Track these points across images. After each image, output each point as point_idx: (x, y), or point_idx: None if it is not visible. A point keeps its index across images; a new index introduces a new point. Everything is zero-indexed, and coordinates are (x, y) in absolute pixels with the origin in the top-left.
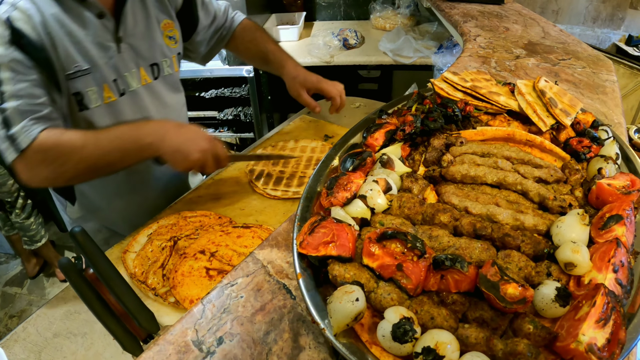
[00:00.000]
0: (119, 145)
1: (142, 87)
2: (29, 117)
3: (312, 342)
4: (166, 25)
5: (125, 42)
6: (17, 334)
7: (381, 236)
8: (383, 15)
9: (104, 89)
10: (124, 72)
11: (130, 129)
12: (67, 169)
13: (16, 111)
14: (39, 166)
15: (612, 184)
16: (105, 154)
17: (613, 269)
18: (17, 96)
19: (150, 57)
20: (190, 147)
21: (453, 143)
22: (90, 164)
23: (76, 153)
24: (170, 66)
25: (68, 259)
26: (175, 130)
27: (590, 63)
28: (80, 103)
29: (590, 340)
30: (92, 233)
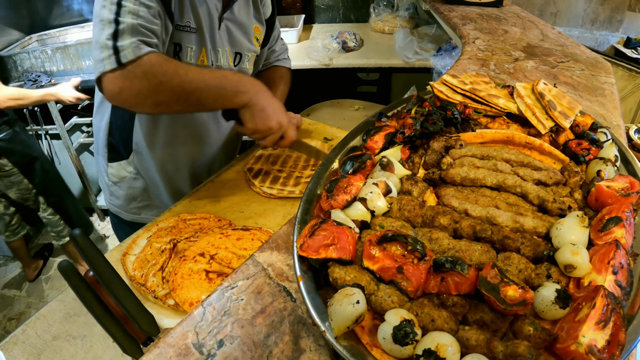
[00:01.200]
0: (220, 83)
1: (226, 66)
2: (140, 37)
3: (312, 345)
4: (257, 28)
5: (225, 23)
6: (16, 336)
7: (381, 239)
8: (382, 18)
9: (202, 52)
10: (217, 47)
11: (234, 74)
12: (163, 89)
13: (130, 27)
14: (138, 79)
15: (611, 186)
16: (203, 87)
17: (613, 271)
18: (135, 14)
19: (238, 45)
20: (274, 115)
21: (452, 146)
22: (186, 91)
23: (179, 76)
24: (249, 61)
25: (68, 261)
26: (269, 95)
27: (588, 65)
28: (176, 53)
29: (590, 341)
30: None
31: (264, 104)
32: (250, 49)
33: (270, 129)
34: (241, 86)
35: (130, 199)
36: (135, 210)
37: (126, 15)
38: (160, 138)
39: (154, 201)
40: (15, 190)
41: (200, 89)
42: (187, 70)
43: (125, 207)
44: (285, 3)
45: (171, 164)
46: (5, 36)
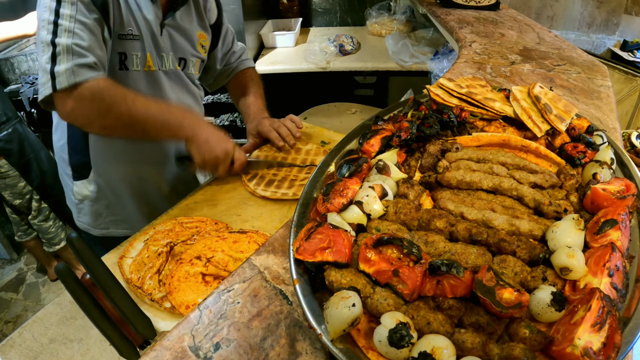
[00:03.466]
0: (164, 115)
1: (173, 70)
2: (75, 62)
3: (308, 348)
4: (201, 35)
5: (167, 29)
6: (13, 339)
7: (377, 242)
8: (379, 21)
9: (148, 57)
10: (162, 52)
11: (179, 109)
12: (111, 113)
13: (66, 49)
14: (87, 102)
15: (607, 188)
16: (149, 117)
17: (608, 273)
18: (71, 33)
19: (182, 51)
20: (218, 144)
21: (449, 149)
22: (132, 120)
23: (126, 103)
24: (194, 66)
25: (64, 264)
26: (211, 127)
27: (585, 68)
28: (122, 62)
29: (585, 344)
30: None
31: (207, 136)
32: (195, 54)
33: (217, 158)
34: (184, 121)
35: (97, 216)
36: (103, 226)
37: (62, 35)
38: (118, 156)
39: (120, 216)
40: (9, 193)
41: (146, 119)
42: (134, 98)
43: (93, 223)
44: (282, 6)
45: (136, 179)
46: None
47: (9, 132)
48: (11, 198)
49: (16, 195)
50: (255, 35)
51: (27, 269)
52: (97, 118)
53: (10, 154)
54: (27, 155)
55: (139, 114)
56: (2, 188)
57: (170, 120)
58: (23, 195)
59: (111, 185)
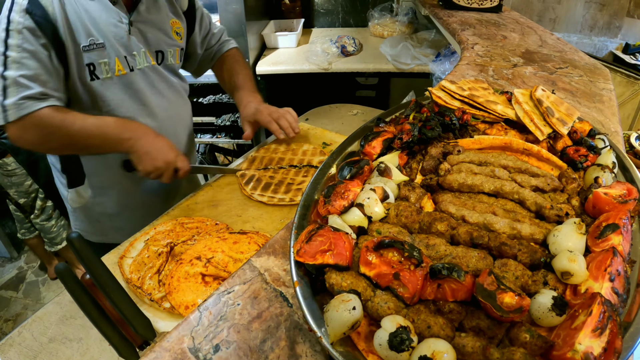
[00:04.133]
0: (102, 132)
1: (150, 67)
2: (22, 95)
3: (308, 351)
4: (174, 22)
5: (136, 26)
6: (12, 338)
7: (378, 245)
8: (381, 22)
9: (116, 62)
10: (133, 51)
11: (116, 122)
12: (52, 139)
13: (13, 82)
14: (30, 131)
15: (608, 192)
16: (87, 137)
17: (609, 278)
18: (19, 64)
19: (156, 44)
20: (158, 155)
21: (450, 152)
22: (72, 141)
23: (65, 128)
24: (173, 57)
25: (65, 264)
26: (152, 137)
27: (587, 71)
28: (92, 73)
29: (586, 349)
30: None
31: (147, 147)
32: (171, 44)
33: (158, 168)
34: (122, 134)
35: (94, 222)
36: (101, 232)
37: (11, 67)
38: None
39: (115, 222)
40: (15, 191)
41: (85, 138)
42: (73, 121)
43: (90, 230)
44: (284, 7)
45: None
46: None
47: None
48: (16, 196)
49: (22, 194)
50: (257, 36)
51: (27, 267)
52: (42, 143)
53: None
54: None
55: (78, 135)
56: (7, 186)
57: (108, 135)
58: (28, 194)
59: (105, 194)
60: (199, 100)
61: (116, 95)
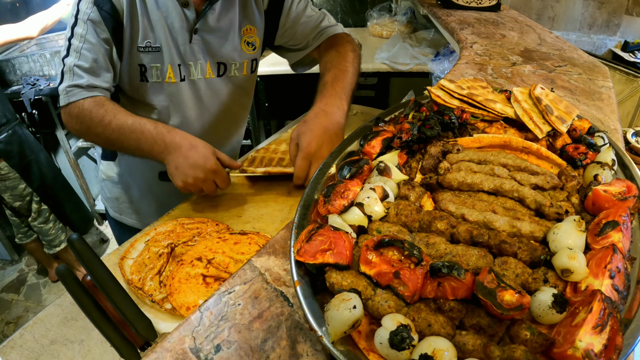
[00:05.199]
0: (136, 139)
1: (203, 79)
2: (72, 83)
3: (309, 350)
4: (247, 30)
5: (200, 34)
6: (14, 340)
7: (378, 244)
8: (380, 22)
9: (168, 69)
10: (189, 61)
11: (152, 131)
12: (90, 132)
13: (69, 69)
14: (73, 120)
15: (608, 190)
16: (121, 139)
17: (609, 275)
18: (78, 53)
19: (219, 55)
20: (188, 171)
21: (450, 150)
22: (107, 140)
23: (100, 126)
24: (238, 69)
25: (65, 265)
26: (185, 151)
27: (586, 69)
28: (142, 74)
29: (587, 346)
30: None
31: (177, 163)
32: (237, 56)
33: (191, 185)
34: (154, 145)
35: (114, 199)
36: (117, 210)
37: (71, 55)
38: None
39: (134, 206)
40: (9, 195)
41: (120, 141)
42: (111, 119)
43: (110, 203)
44: None
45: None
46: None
47: (9, 134)
48: (11, 200)
49: (16, 197)
50: None
51: (28, 270)
52: (83, 134)
53: (11, 155)
54: (27, 157)
55: (113, 135)
56: (2, 190)
57: (141, 146)
58: (23, 197)
59: (131, 176)
60: None
61: (160, 101)
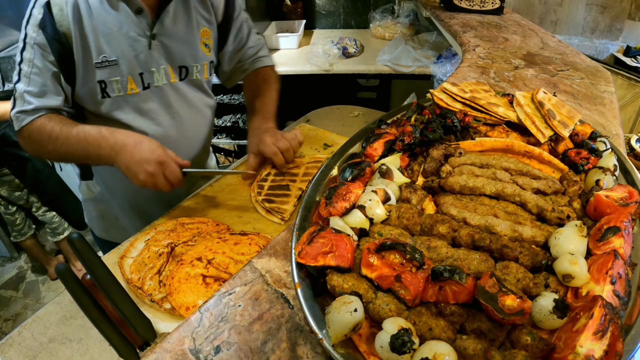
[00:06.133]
0: (83, 147)
1: (168, 84)
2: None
3: (309, 352)
4: (204, 32)
5: (158, 39)
6: (12, 338)
7: (380, 247)
8: (382, 24)
9: (129, 80)
10: (151, 68)
11: (96, 136)
12: (43, 150)
13: (19, 96)
14: (25, 141)
15: (610, 195)
16: (70, 151)
17: (611, 281)
18: (27, 79)
19: (180, 59)
20: (138, 169)
21: (452, 154)
22: (59, 154)
23: (50, 143)
24: (200, 72)
25: (65, 264)
26: (130, 149)
27: (588, 74)
28: (103, 91)
29: (587, 352)
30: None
31: (126, 162)
32: (199, 57)
33: (144, 183)
34: (100, 149)
35: (99, 217)
36: (103, 228)
37: (22, 80)
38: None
39: (120, 222)
40: (6, 189)
41: (70, 153)
42: (58, 134)
43: (96, 224)
44: (286, 8)
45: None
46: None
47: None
48: (9, 193)
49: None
50: None
51: (27, 267)
52: (39, 153)
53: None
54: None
55: (62, 149)
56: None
57: (89, 152)
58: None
59: (111, 192)
60: None
61: (127, 114)
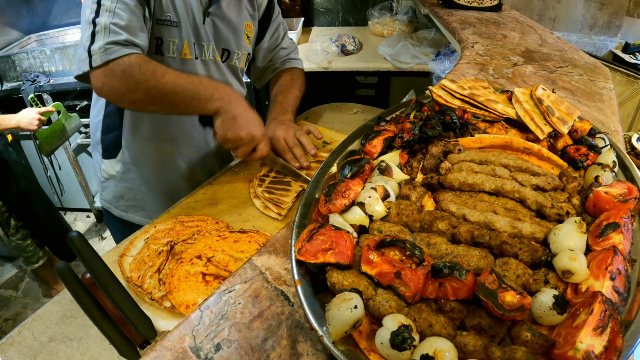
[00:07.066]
0: (194, 88)
1: (213, 61)
2: (110, 40)
3: (310, 349)
4: (248, 25)
5: (211, 18)
6: (12, 337)
7: (380, 244)
8: (381, 21)
9: (184, 45)
10: (202, 42)
11: (210, 81)
12: (139, 88)
13: (104, 28)
14: (117, 78)
15: (609, 191)
16: (178, 90)
17: (610, 277)
18: (112, 12)
19: (225, 42)
20: (244, 124)
21: (451, 150)
22: (160, 93)
23: (155, 78)
24: (239, 59)
25: (65, 264)
26: (245, 105)
27: (587, 71)
28: (158, 47)
29: (587, 347)
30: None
31: (236, 113)
32: (241, 46)
33: (240, 139)
34: (216, 93)
35: (118, 197)
36: (123, 208)
37: (103, 15)
38: (146, 133)
39: (140, 202)
40: None
41: (175, 92)
42: (164, 73)
43: (114, 203)
44: (284, 6)
45: (159, 160)
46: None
47: None
48: None
49: None
50: None
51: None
52: (127, 93)
53: None
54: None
55: (167, 87)
56: None
57: (200, 92)
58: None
59: (137, 168)
60: None
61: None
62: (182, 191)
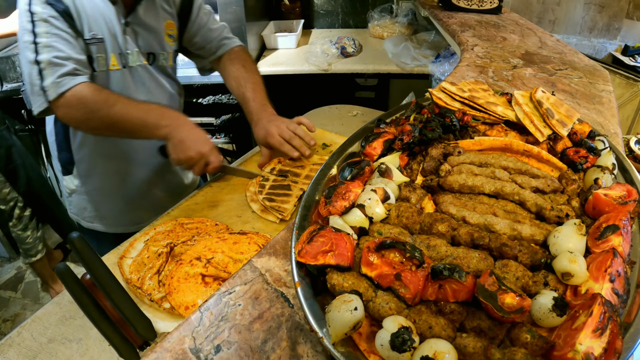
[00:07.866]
0: (143, 116)
1: (140, 66)
2: (59, 74)
3: (310, 351)
4: (169, 24)
5: (131, 27)
6: (12, 338)
7: (380, 245)
8: (381, 23)
9: (111, 57)
10: (127, 50)
11: (157, 108)
12: (94, 117)
13: (49, 64)
14: (74, 108)
15: (608, 194)
16: (128, 119)
17: (610, 279)
18: (50, 47)
19: (149, 46)
20: (192, 145)
21: (451, 153)
22: (112, 122)
23: (107, 107)
24: (165, 59)
25: (65, 264)
26: (189, 127)
27: (586, 73)
28: (90, 64)
29: (587, 349)
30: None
31: (183, 136)
32: (164, 46)
33: (191, 159)
34: (162, 120)
35: (82, 209)
36: (89, 219)
37: (43, 52)
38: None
39: (101, 212)
40: None
41: (125, 121)
42: (115, 102)
43: (80, 215)
44: (284, 8)
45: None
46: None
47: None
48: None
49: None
50: (257, 37)
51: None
52: (85, 121)
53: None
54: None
55: (117, 116)
56: None
57: (148, 120)
58: (7, 202)
59: (93, 182)
60: (199, 101)
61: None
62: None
